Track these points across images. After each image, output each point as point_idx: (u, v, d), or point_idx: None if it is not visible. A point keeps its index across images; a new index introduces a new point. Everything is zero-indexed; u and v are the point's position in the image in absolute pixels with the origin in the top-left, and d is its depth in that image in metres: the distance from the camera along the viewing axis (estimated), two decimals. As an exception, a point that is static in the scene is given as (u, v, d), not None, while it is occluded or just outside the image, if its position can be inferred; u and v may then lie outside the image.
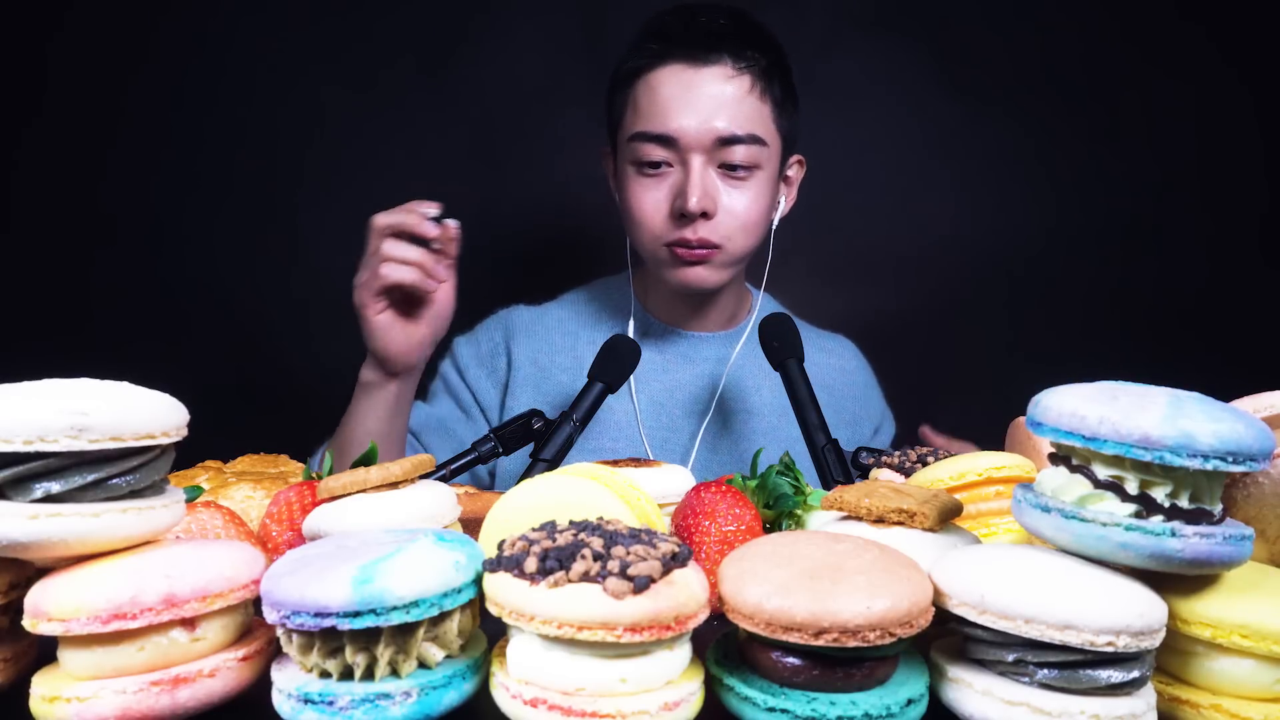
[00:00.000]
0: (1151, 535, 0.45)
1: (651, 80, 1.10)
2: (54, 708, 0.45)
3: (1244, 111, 1.64)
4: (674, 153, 1.09)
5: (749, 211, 1.11)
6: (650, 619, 0.42)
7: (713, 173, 1.09)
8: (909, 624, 0.44)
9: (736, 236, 1.11)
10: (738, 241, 1.12)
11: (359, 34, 1.61)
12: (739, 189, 1.10)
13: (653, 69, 1.10)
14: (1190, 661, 0.48)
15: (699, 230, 1.09)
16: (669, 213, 1.10)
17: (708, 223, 1.10)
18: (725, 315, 1.27)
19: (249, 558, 0.49)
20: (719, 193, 1.10)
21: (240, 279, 1.63)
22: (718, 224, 1.10)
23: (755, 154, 1.09)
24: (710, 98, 1.07)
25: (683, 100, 1.07)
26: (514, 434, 0.93)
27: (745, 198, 1.10)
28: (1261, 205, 1.65)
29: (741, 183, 1.10)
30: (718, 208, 1.09)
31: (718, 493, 0.62)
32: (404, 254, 0.98)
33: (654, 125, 1.09)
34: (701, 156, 1.08)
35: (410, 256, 0.98)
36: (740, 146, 1.08)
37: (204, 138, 1.62)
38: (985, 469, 0.66)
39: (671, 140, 1.08)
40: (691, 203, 1.07)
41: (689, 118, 1.07)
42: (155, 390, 0.50)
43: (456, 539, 0.49)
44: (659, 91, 1.09)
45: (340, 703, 0.43)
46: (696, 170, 1.08)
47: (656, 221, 1.12)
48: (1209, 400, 0.48)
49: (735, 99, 1.08)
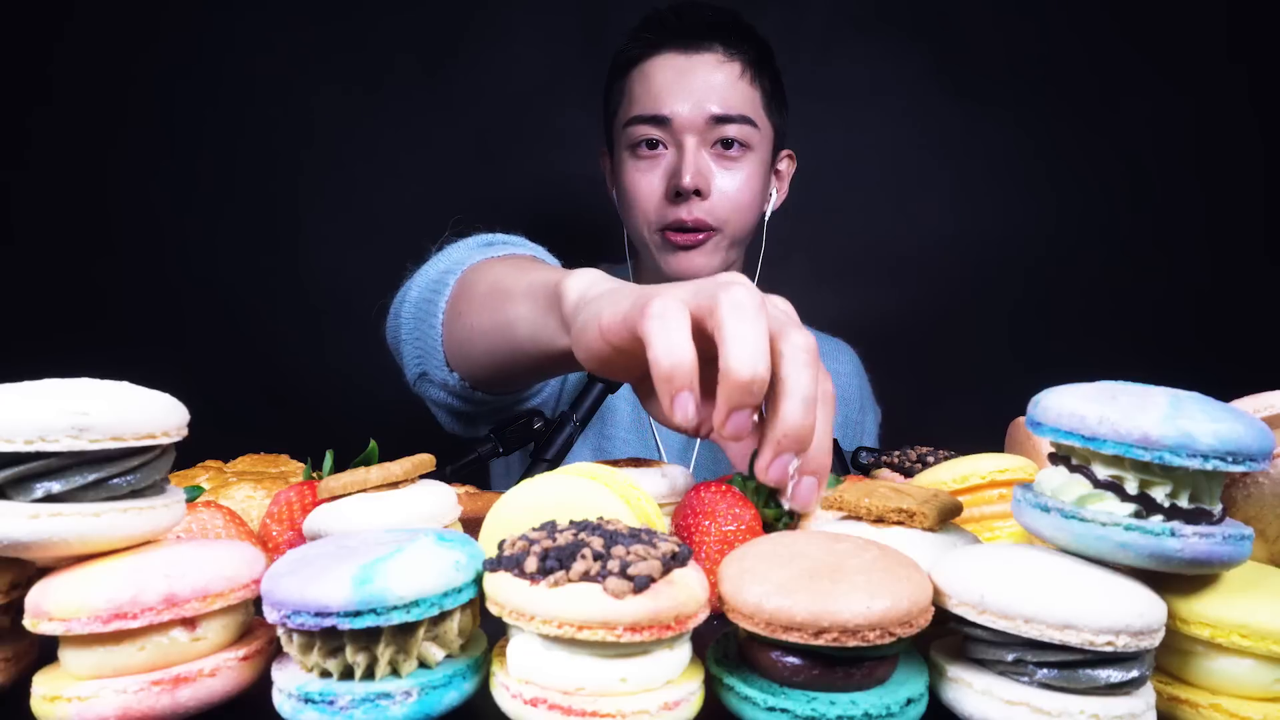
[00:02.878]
0: (1151, 535, 0.45)
1: (646, 68, 1.14)
2: (54, 707, 0.45)
3: (1244, 111, 1.64)
4: (668, 134, 1.12)
5: (741, 192, 1.13)
6: (650, 619, 0.42)
7: (706, 154, 1.12)
8: (909, 624, 0.44)
9: (731, 218, 1.13)
10: (733, 223, 1.14)
11: (360, 34, 1.62)
12: (731, 169, 1.13)
13: (647, 58, 1.14)
14: (1190, 661, 0.48)
15: (694, 210, 1.11)
16: (664, 194, 1.13)
17: (702, 202, 1.12)
18: None
19: (249, 558, 0.50)
20: (712, 173, 1.12)
21: (241, 278, 1.64)
22: (712, 204, 1.12)
23: (748, 134, 1.13)
24: (703, 81, 1.11)
25: (676, 84, 1.11)
26: (514, 434, 0.93)
27: (738, 178, 1.13)
28: (1261, 205, 1.65)
29: (734, 163, 1.13)
30: (711, 187, 1.12)
31: (718, 493, 0.62)
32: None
33: (649, 108, 1.12)
34: (695, 138, 1.11)
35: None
36: (733, 125, 1.11)
37: (204, 138, 1.62)
38: (989, 472, 0.65)
39: (666, 121, 1.11)
40: (685, 179, 1.09)
41: (683, 100, 1.10)
42: (155, 390, 0.50)
43: (457, 539, 0.49)
44: (653, 78, 1.12)
45: (340, 702, 0.43)
46: (690, 150, 1.11)
47: (651, 204, 1.14)
48: (1209, 400, 0.48)
49: (727, 83, 1.12)
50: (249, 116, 1.62)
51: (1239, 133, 1.64)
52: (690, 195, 1.10)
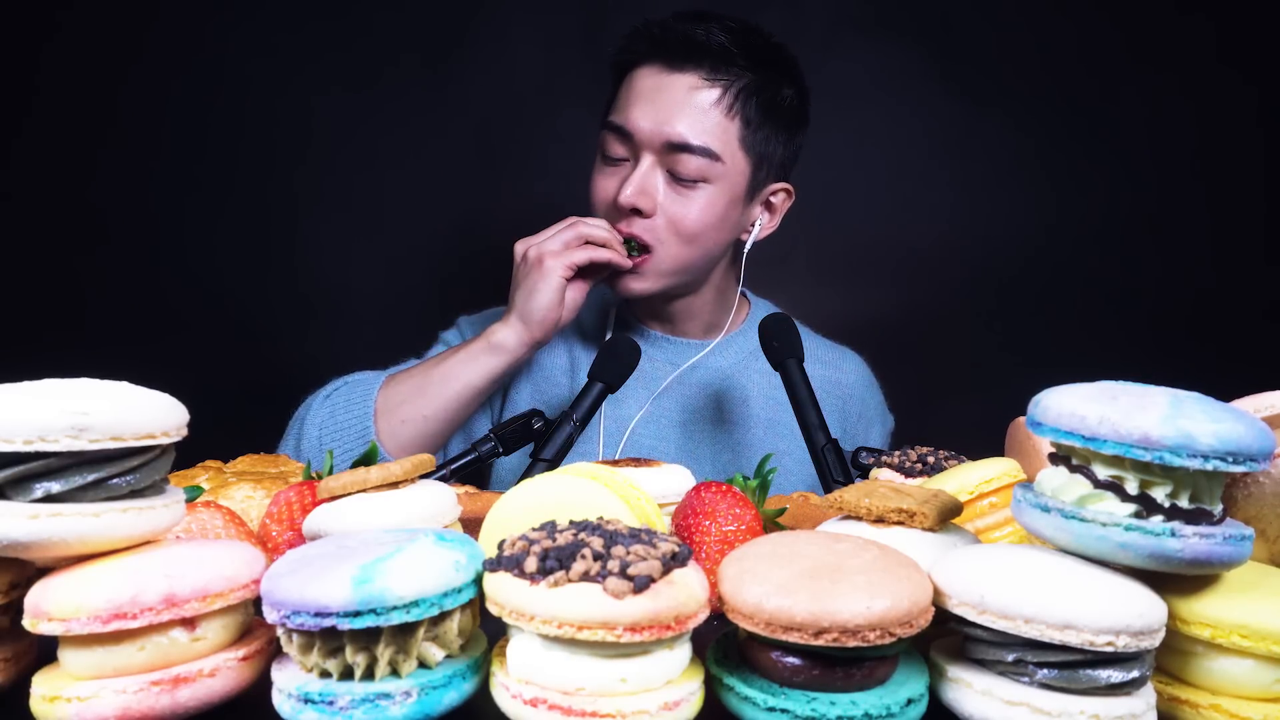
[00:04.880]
0: (1151, 535, 0.45)
1: (632, 76, 1.12)
2: (54, 707, 0.45)
3: (1244, 111, 1.64)
4: (630, 148, 1.11)
5: (688, 221, 1.10)
6: (650, 619, 0.42)
7: (660, 174, 1.10)
8: (909, 624, 0.44)
9: (669, 242, 1.11)
10: (669, 248, 1.11)
11: (358, 33, 1.62)
12: (684, 197, 1.10)
13: (636, 66, 1.12)
14: (1190, 661, 0.48)
15: (632, 226, 1.10)
16: (614, 205, 1.11)
17: (642, 220, 1.10)
18: (702, 323, 1.26)
19: (249, 558, 0.50)
20: (658, 193, 1.10)
21: (240, 278, 1.64)
22: (653, 224, 1.10)
23: (704, 168, 1.09)
24: (673, 101, 1.08)
25: (648, 99, 1.09)
26: (514, 434, 0.93)
27: (689, 207, 1.10)
28: (1262, 205, 1.65)
29: (689, 191, 1.10)
30: (655, 207, 1.10)
31: (718, 493, 0.62)
32: (603, 234, 1.08)
33: (618, 117, 1.11)
34: (652, 156, 1.10)
35: (608, 237, 1.09)
36: (689, 156, 1.08)
37: (203, 137, 1.62)
38: (975, 485, 0.64)
39: (628, 134, 1.10)
40: (625, 194, 1.08)
41: (647, 116, 1.08)
42: (155, 390, 0.50)
43: (456, 539, 0.49)
44: (632, 87, 1.11)
45: (340, 702, 0.43)
46: (642, 168, 1.09)
47: (603, 211, 1.14)
48: (1209, 400, 0.48)
49: (698, 108, 1.08)
50: (248, 116, 1.62)
51: (1239, 133, 1.64)
52: (628, 212, 1.10)
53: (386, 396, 1.08)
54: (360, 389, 1.10)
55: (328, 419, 1.08)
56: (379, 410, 1.08)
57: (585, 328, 1.27)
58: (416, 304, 1.56)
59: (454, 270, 1.64)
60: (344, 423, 1.08)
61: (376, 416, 1.07)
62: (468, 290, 1.15)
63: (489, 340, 1.08)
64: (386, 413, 1.08)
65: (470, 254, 1.59)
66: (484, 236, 1.50)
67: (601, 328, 1.27)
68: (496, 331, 1.09)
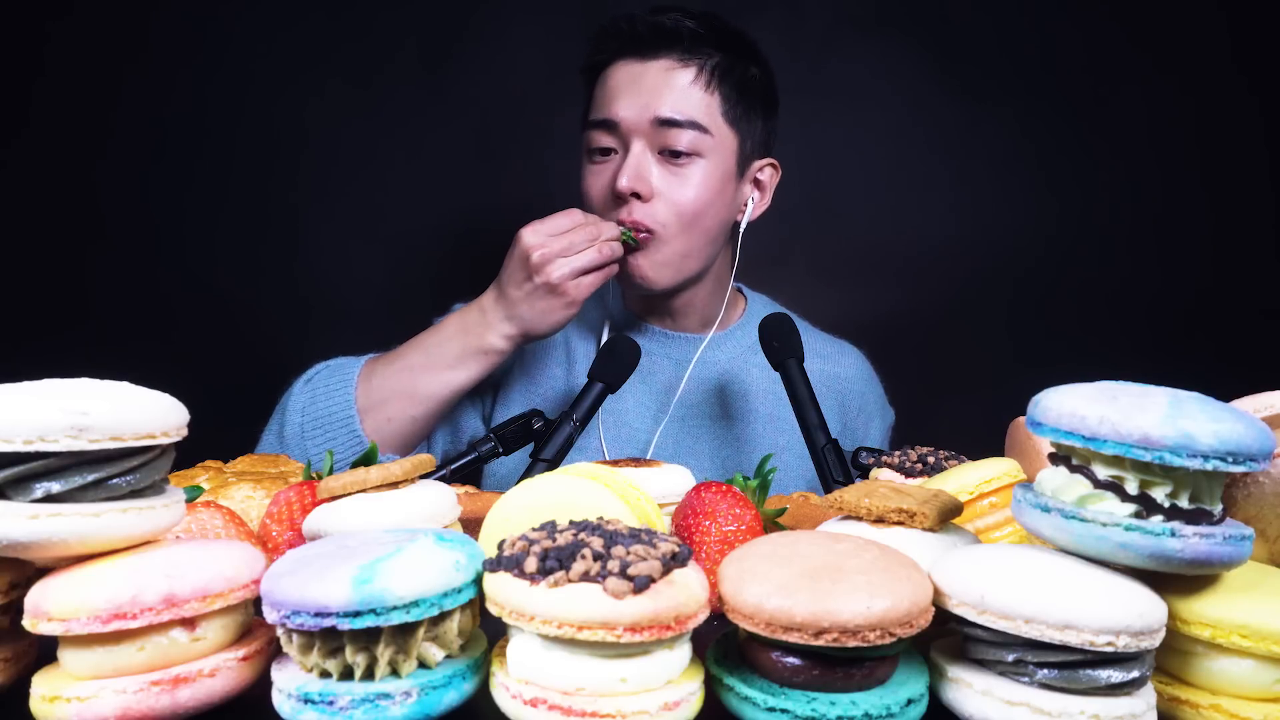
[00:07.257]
0: (1151, 535, 0.45)
1: (607, 74, 1.14)
2: (54, 707, 0.45)
3: (1245, 110, 1.64)
4: (618, 139, 1.12)
5: (686, 200, 1.11)
6: (650, 619, 0.42)
7: (652, 157, 1.11)
8: (909, 624, 0.44)
9: (672, 223, 1.11)
10: (673, 229, 1.12)
11: (358, 32, 1.62)
12: (679, 176, 1.11)
13: (605, 66, 1.14)
14: (1190, 661, 0.48)
15: (634, 212, 1.10)
16: (609, 197, 1.12)
17: (643, 205, 1.11)
18: (700, 316, 1.26)
19: (249, 558, 0.50)
20: (653, 175, 1.11)
21: (240, 278, 1.64)
22: (653, 208, 1.11)
23: (696, 140, 1.10)
24: (653, 85, 1.10)
25: (627, 89, 1.11)
26: (514, 434, 0.93)
27: (686, 185, 1.11)
28: (1262, 205, 1.65)
29: (682, 169, 1.11)
30: (652, 190, 1.11)
31: (718, 493, 0.62)
32: (614, 231, 1.09)
33: (599, 112, 1.13)
34: (642, 140, 1.11)
35: (617, 233, 1.09)
36: (679, 130, 1.09)
37: (202, 136, 1.62)
38: (976, 485, 0.65)
39: (614, 125, 1.11)
40: (622, 182, 1.09)
41: (630, 104, 1.10)
42: (155, 390, 0.50)
43: (456, 539, 0.49)
44: (610, 83, 1.13)
45: (340, 702, 0.43)
46: (634, 153, 1.10)
47: (599, 208, 1.14)
48: (1209, 400, 0.48)
49: (678, 87, 1.10)
50: (248, 115, 1.62)
51: (1240, 132, 1.64)
52: (629, 198, 1.10)
53: (370, 390, 1.08)
54: (340, 374, 1.10)
55: (309, 404, 1.08)
56: (364, 407, 1.07)
57: (582, 322, 1.27)
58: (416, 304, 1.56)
59: (454, 270, 1.64)
60: (325, 410, 1.08)
61: (361, 412, 1.07)
62: (468, 290, 1.15)
63: (481, 345, 1.08)
64: (372, 410, 1.07)
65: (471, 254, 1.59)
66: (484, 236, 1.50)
67: (599, 323, 1.27)
68: (489, 334, 1.08)
